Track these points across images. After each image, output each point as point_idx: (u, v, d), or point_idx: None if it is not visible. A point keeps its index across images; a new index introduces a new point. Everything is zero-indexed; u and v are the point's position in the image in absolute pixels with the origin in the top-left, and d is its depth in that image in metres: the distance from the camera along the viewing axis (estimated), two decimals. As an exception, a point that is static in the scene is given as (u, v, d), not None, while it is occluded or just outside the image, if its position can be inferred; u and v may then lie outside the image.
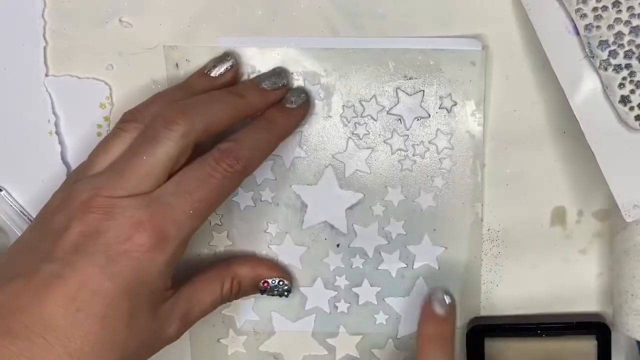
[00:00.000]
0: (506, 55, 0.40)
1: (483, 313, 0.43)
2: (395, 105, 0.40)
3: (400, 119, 0.40)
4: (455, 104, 0.40)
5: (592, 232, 0.42)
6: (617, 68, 0.36)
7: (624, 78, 0.36)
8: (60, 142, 0.41)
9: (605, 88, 0.36)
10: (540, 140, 0.41)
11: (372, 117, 0.40)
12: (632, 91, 0.36)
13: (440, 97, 0.40)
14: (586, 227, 0.42)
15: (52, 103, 0.40)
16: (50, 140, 0.41)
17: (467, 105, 0.40)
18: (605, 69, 0.36)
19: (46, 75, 0.40)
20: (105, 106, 0.41)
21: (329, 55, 0.40)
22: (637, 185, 0.36)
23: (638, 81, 0.36)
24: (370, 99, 0.40)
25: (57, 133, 0.41)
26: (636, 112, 0.36)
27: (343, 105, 0.40)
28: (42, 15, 0.40)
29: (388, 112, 0.40)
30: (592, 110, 0.36)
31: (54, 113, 0.41)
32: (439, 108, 0.40)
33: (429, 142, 0.40)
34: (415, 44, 0.39)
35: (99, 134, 0.41)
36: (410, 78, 0.40)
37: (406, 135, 0.40)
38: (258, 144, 0.36)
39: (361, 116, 0.40)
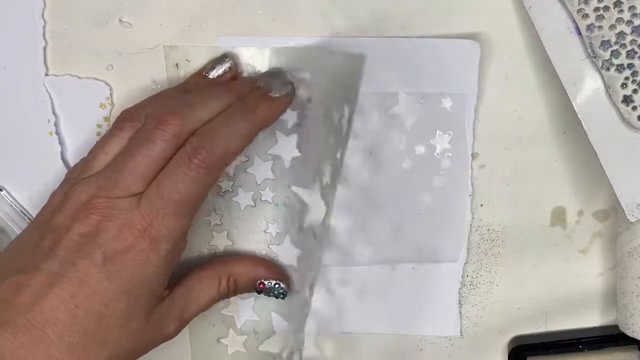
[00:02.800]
0: (506, 55, 0.40)
1: (484, 313, 0.43)
2: (395, 105, 0.40)
3: (399, 119, 0.40)
4: (454, 104, 0.40)
5: (592, 232, 0.42)
6: (620, 68, 0.36)
7: (627, 78, 0.36)
8: (61, 142, 0.41)
9: (607, 88, 0.36)
10: (540, 140, 0.41)
11: (371, 117, 0.40)
12: (635, 91, 0.36)
13: (440, 97, 0.40)
14: (586, 227, 0.42)
15: (52, 103, 0.40)
16: (50, 140, 0.41)
17: (466, 105, 0.40)
18: (608, 69, 0.36)
19: (46, 75, 0.40)
20: (106, 106, 0.41)
21: (329, 55, 0.40)
22: None
23: None
24: (370, 99, 0.40)
25: (57, 133, 0.41)
26: (639, 111, 0.36)
27: (343, 105, 0.40)
28: (42, 15, 0.40)
29: (387, 112, 0.40)
30: (595, 110, 0.36)
31: (54, 113, 0.41)
32: (438, 108, 0.40)
33: (428, 142, 0.40)
34: (415, 44, 0.39)
35: (98, 134, 0.41)
36: (410, 78, 0.40)
37: (405, 135, 0.40)
38: (235, 134, 0.35)
39: (361, 116, 0.40)
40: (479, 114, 0.40)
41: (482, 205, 0.41)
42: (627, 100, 0.36)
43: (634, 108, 0.36)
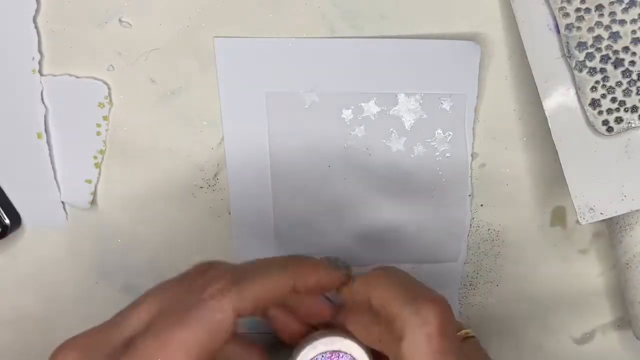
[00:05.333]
0: (506, 55, 0.40)
1: (484, 313, 0.43)
2: (395, 106, 0.40)
3: (399, 119, 0.40)
4: (454, 104, 0.40)
5: (592, 232, 0.42)
6: (592, 71, 0.36)
7: (597, 82, 0.36)
8: (60, 142, 0.41)
9: (577, 89, 0.36)
10: (540, 140, 0.41)
11: (371, 117, 0.40)
12: (603, 95, 0.36)
13: (440, 98, 0.40)
14: (586, 227, 0.42)
15: (52, 103, 0.40)
16: (49, 140, 0.41)
17: (466, 105, 0.40)
18: (580, 70, 0.36)
19: (44, 74, 0.40)
20: (104, 105, 0.41)
21: (328, 55, 0.39)
22: (595, 189, 0.37)
23: (610, 87, 0.36)
24: (370, 100, 0.40)
25: (56, 132, 0.41)
26: (604, 117, 0.36)
27: (343, 106, 0.40)
28: (42, 16, 0.39)
29: (387, 114, 0.40)
30: (562, 109, 0.37)
31: (53, 113, 0.40)
32: (438, 109, 0.40)
33: (428, 142, 0.40)
34: (415, 45, 0.39)
35: (98, 134, 0.41)
36: (410, 78, 0.40)
37: (405, 136, 0.40)
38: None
39: (361, 117, 0.40)
40: (479, 114, 0.40)
41: (482, 205, 0.41)
42: (594, 103, 0.36)
43: (600, 112, 0.36)
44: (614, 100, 0.36)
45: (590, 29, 0.36)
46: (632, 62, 0.36)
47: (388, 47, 0.39)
